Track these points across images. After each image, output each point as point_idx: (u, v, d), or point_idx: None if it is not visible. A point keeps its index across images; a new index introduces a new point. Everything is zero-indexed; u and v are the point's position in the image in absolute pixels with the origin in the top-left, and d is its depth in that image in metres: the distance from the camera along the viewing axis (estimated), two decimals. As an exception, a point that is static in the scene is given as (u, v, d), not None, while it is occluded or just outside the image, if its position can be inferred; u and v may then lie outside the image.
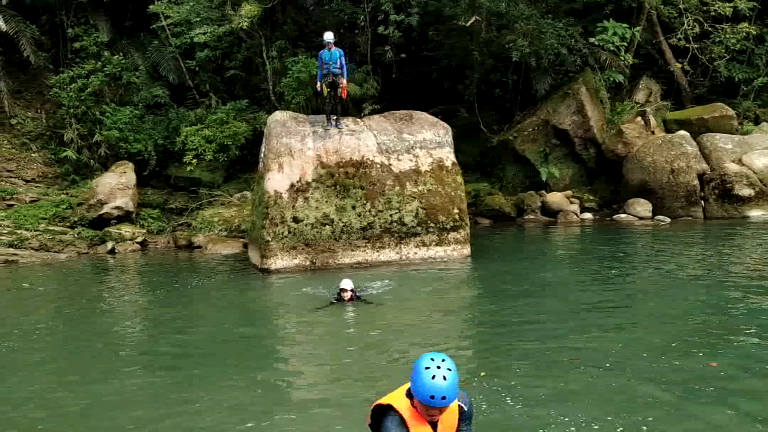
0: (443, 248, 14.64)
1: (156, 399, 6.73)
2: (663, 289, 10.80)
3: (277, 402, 6.51)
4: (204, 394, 6.75)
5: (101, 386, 7.11)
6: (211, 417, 6.13)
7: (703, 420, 5.57)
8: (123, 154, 21.35)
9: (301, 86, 21.00)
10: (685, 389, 6.25)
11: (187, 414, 6.26)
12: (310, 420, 5.98)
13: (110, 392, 6.92)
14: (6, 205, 19.82)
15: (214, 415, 6.18)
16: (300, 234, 14.06)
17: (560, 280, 12.44)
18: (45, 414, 6.42)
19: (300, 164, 14.29)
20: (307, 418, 6.03)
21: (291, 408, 6.35)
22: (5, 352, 8.64)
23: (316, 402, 6.49)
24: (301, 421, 5.98)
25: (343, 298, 10.38)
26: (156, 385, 7.22)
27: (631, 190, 20.87)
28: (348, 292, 10.39)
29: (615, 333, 8.37)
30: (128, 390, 7.01)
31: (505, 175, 23.39)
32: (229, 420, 6.06)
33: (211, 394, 6.72)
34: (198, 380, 7.25)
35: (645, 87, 23.49)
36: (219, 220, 20.16)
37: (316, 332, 9.39)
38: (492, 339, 8.54)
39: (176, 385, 7.17)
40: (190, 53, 22.15)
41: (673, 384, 6.39)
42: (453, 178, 15.03)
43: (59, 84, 21.53)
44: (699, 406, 5.90)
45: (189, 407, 6.45)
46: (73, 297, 12.85)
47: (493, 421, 5.70)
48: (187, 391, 6.94)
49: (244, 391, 6.82)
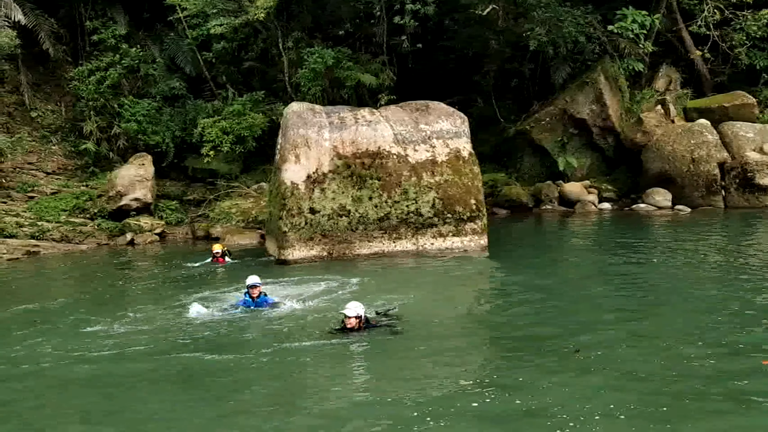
0: (460, 239, 14.59)
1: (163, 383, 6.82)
2: (684, 281, 10.69)
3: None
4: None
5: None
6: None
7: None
8: (141, 146, 21.50)
9: (317, 77, 20.98)
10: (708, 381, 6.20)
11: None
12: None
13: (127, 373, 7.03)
14: (27, 197, 20.07)
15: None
16: (317, 225, 14.09)
17: (578, 271, 12.38)
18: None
19: (316, 155, 14.30)
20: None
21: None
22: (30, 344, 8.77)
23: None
24: None
25: (347, 326, 8.14)
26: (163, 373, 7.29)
27: (650, 179, 20.66)
28: (352, 320, 8.12)
29: (636, 325, 8.30)
30: (141, 372, 7.10)
31: (522, 165, 23.26)
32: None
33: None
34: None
35: (665, 75, 23.19)
36: (236, 211, 20.26)
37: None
38: (510, 332, 8.50)
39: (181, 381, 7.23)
40: (207, 45, 22.21)
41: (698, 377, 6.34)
42: (470, 168, 14.96)
43: (78, 77, 21.70)
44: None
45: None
46: (93, 286, 13.00)
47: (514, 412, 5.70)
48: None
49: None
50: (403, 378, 6.72)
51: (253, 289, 9.77)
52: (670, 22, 22.69)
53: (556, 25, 20.56)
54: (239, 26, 21.43)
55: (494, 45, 21.69)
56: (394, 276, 12.47)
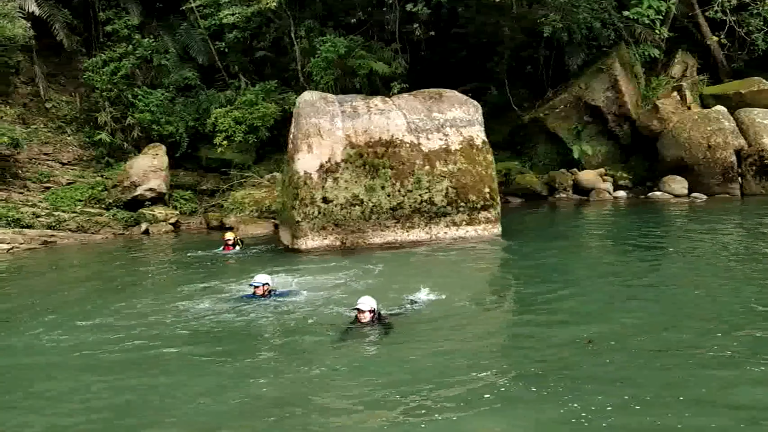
0: (474, 228, 14.55)
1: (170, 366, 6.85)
2: (701, 269, 10.58)
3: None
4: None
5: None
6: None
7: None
8: (155, 136, 21.60)
9: (329, 66, 20.93)
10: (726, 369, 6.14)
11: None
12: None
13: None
14: (44, 187, 20.25)
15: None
16: (330, 214, 14.10)
17: (593, 260, 12.30)
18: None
19: (329, 144, 14.28)
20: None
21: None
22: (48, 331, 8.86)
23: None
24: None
25: (360, 320, 8.00)
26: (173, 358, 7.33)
27: (666, 167, 20.47)
28: (366, 314, 7.94)
29: (653, 314, 8.23)
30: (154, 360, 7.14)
31: (536, 154, 23.13)
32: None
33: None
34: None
35: (681, 61, 22.92)
36: (250, 201, 20.32)
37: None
38: (523, 322, 8.48)
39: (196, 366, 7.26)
40: (219, 35, 22.21)
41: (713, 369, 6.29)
42: (484, 156, 14.89)
43: (92, 67, 21.79)
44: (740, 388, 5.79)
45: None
46: (106, 276, 13.11)
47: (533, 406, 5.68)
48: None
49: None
50: (415, 371, 6.70)
51: (257, 288, 9.57)
52: (686, 7, 22.40)
53: (571, 10, 20.33)
54: (251, 15, 21.39)
55: (508, 32, 21.49)
56: (408, 266, 12.45)
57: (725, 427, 5.06)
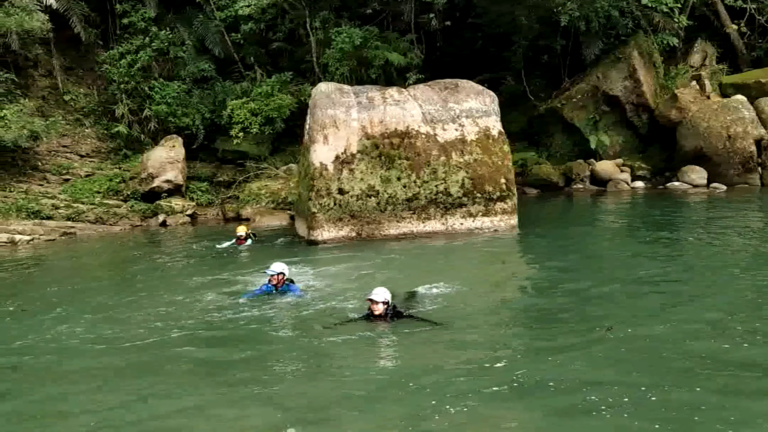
0: (490, 219, 14.49)
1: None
2: (721, 261, 10.47)
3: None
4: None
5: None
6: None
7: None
8: (172, 128, 21.71)
9: (344, 57, 20.90)
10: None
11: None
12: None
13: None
14: (63, 179, 20.46)
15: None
16: (346, 205, 14.11)
17: (610, 252, 12.21)
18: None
19: (345, 135, 14.28)
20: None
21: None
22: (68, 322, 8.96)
23: None
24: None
25: (373, 312, 7.81)
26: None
27: (685, 157, 20.26)
28: (379, 305, 7.74)
29: (671, 308, 8.16)
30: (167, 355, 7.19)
31: (552, 144, 22.98)
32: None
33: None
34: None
35: (700, 50, 22.64)
36: (266, 192, 20.40)
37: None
38: (542, 313, 8.44)
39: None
40: (235, 26, 22.24)
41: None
42: (500, 147, 14.81)
43: (109, 60, 21.94)
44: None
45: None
46: (123, 267, 13.24)
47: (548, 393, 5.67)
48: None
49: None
50: (429, 360, 6.70)
51: (272, 277, 9.48)
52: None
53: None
54: (267, 6, 21.40)
55: (524, 21, 21.30)
56: (423, 257, 12.45)
57: (743, 407, 5.04)
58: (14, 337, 8.21)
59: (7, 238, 16.77)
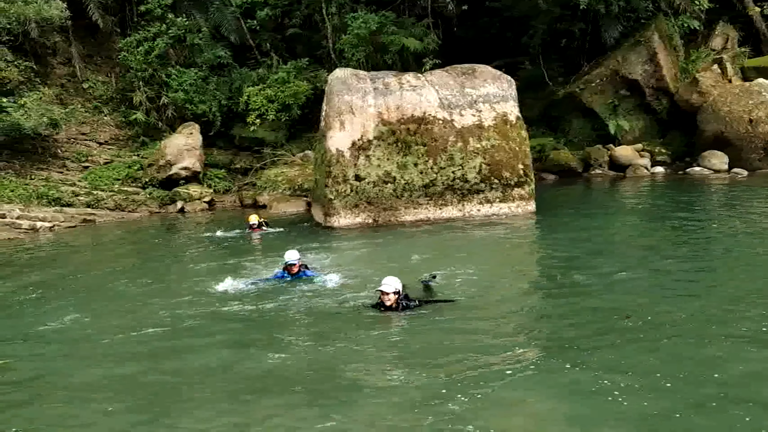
0: (507, 205, 14.42)
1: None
2: (742, 247, 10.31)
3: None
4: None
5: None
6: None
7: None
8: (189, 115, 21.81)
9: (361, 42, 20.81)
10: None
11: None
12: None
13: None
14: (82, 167, 20.67)
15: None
16: (362, 192, 14.10)
17: (629, 238, 12.08)
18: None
19: (361, 122, 14.24)
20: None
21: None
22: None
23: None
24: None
25: (384, 303, 7.58)
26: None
27: (705, 141, 19.98)
28: (390, 295, 7.52)
29: (691, 295, 8.07)
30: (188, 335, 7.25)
31: (571, 129, 22.76)
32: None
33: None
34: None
35: (721, 33, 22.25)
36: (282, 179, 20.45)
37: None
38: (560, 302, 8.39)
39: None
40: (251, 12, 22.22)
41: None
42: (517, 132, 14.70)
43: (126, 47, 22.04)
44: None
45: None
46: (139, 254, 13.36)
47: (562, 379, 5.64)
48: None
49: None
50: (446, 343, 6.69)
51: (292, 267, 9.44)
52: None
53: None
54: (283, -8, 21.36)
55: (542, 4, 21.03)
56: (440, 244, 12.39)
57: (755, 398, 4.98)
58: (32, 324, 8.31)
59: (28, 225, 16.98)
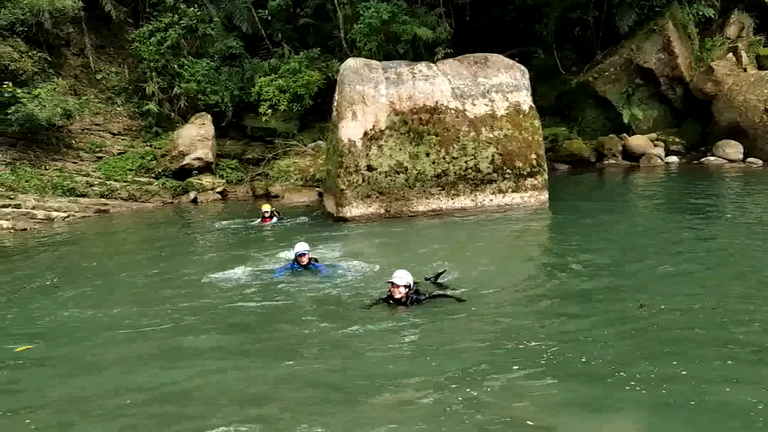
0: (520, 195, 14.36)
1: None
2: (757, 239, 10.22)
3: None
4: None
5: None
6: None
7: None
8: (201, 105, 21.86)
9: (372, 32, 20.74)
10: None
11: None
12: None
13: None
14: (96, 157, 20.80)
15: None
16: (374, 182, 14.09)
17: (642, 228, 12.00)
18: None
19: (373, 111, 14.21)
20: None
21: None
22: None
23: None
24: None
25: (393, 296, 7.42)
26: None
27: (720, 131, 19.80)
28: (401, 288, 7.37)
29: (705, 285, 8.02)
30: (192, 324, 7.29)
31: (584, 119, 22.61)
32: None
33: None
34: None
35: (737, 21, 21.97)
36: (294, 169, 20.50)
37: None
38: (572, 292, 8.37)
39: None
40: (263, 2, 22.19)
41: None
42: (530, 122, 14.62)
43: (139, 38, 22.10)
44: None
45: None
46: (153, 244, 13.45)
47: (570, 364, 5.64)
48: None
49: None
50: (460, 335, 6.70)
51: (302, 257, 9.43)
52: (745, -38, 21.40)
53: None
54: (294, -18, 21.31)
55: (556, -7, 20.90)
56: (452, 234, 12.38)
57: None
58: (46, 313, 8.39)
59: (44, 215, 17.14)
